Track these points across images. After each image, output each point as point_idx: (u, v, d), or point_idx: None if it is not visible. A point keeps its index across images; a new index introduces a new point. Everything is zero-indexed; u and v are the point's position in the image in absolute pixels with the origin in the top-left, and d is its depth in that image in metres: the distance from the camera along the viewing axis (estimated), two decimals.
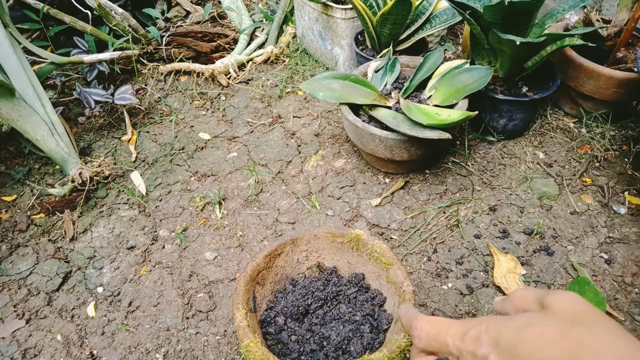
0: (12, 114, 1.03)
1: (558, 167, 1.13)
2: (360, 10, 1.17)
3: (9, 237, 1.04)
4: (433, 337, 0.34)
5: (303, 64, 1.52)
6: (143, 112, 1.37)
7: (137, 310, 0.89)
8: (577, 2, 1.02)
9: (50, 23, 1.48)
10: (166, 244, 1.01)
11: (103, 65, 1.38)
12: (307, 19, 1.46)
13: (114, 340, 0.85)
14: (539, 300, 0.33)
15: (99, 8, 1.37)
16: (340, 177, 1.13)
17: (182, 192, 1.12)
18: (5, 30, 1.04)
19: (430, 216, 1.03)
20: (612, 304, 0.85)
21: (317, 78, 1.07)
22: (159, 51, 1.54)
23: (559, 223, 1.00)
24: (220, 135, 1.29)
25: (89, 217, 1.07)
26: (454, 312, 0.85)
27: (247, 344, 0.65)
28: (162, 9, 1.75)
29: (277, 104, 1.38)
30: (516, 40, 0.91)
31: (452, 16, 1.21)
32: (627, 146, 1.17)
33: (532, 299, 0.34)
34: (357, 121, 1.01)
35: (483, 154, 1.17)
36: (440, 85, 1.07)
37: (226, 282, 0.93)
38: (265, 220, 1.04)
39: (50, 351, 0.83)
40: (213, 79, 1.48)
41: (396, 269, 0.75)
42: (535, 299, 0.34)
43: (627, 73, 1.10)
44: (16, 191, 1.15)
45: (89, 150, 1.26)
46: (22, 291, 0.93)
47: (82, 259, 0.99)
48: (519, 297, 0.35)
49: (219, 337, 0.84)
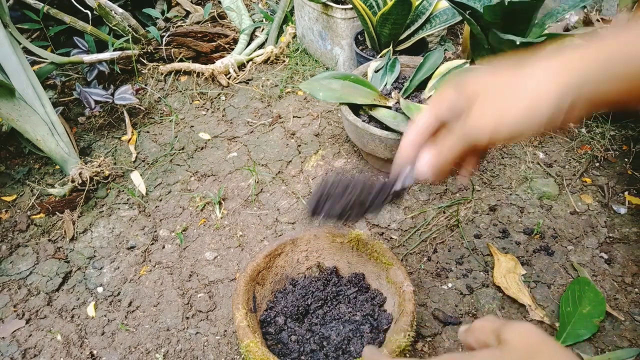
0: (12, 114, 1.03)
1: (558, 167, 1.13)
2: (360, 10, 1.17)
3: (9, 237, 1.04)
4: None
5: (303, 64, 1.52)
6: (143, 112, 1.37)
7: (137, 310, 0.89)
8: (577, 2, 1.02)
9: (50, 23, 1.48)
10: (166, 244, 1.01)
11: (103, 65, 1.38)
12: (307, 19, 1.46)
13: (114, 340, 0.85)
14: (496, 334, 0.34)
15: (99, 8, 1.37)
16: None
17: (182, 192, 1.12)
18: (5, 30, 1.04)
19: (430, 216, 1.03)
20: (612, 304, 0.85)
21: (317, 78, 1.07)
22: (159, 51, 1.54)
23: (559, 223, 1.00)
24: (220, 135, 1.29)
25: (89, 217, 1.07)
26: (454, 312, 0.85)
27: (247, 343, 0.65)
28: (162, 9, 1.75)
29: (277, 104, 1.38)
30: (516, 40, 0.91)
31: (452, 16, 1.21)
32: (627, 146, 1.17)
33: (490, 331, 0.36)
34: (357, 121, 1.01)
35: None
36: (440, 86, 1.07)
37: (226, 282, 0.93)
38: (265, 220, 1.04)
39: (50, 351, 0.83)
40: (213, 79, 1.48)
41: (396, 269, 0.75)
42: (493, 332, 0.35)
43: None
44: (16, 191, 1.15)
45: (89, 150, 1.26)
46: (22, 291, 0.93)
47: (82, 259, 0.99)
48: (478, 329, 0.37)
49: (219, 337, 0.84)
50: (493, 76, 0.42)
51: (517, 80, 0.40)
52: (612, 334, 0.81)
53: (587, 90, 0.37)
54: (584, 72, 0.37)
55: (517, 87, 0.40)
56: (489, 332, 0.36)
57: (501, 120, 0.40)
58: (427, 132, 0.49)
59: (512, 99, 0.40)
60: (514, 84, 0.40)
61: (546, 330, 0.82)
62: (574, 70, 0.38)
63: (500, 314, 0.84)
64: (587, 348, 0.79)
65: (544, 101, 0.38)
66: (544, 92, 0.38)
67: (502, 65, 0.43)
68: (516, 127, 0.39)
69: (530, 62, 0.41)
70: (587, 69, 0.37)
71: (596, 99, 0.38)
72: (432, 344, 0.81)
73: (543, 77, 0.39)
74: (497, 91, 0.41)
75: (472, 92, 0.43)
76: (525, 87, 0.39)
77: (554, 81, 0.38)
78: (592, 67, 0.37)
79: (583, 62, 0.37)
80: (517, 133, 0.40)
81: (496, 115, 0.40)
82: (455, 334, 0.82)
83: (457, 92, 0.44)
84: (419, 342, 0.81)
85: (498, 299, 0.87)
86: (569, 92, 0.37)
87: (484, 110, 0.41)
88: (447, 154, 0.46)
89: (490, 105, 0.41)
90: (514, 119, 0.39)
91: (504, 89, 0.41)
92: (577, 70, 0.37)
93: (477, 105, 0.42)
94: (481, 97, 0.42)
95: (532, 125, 0.39)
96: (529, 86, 0.39)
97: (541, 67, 0.39)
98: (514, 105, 0.39)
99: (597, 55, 0.37)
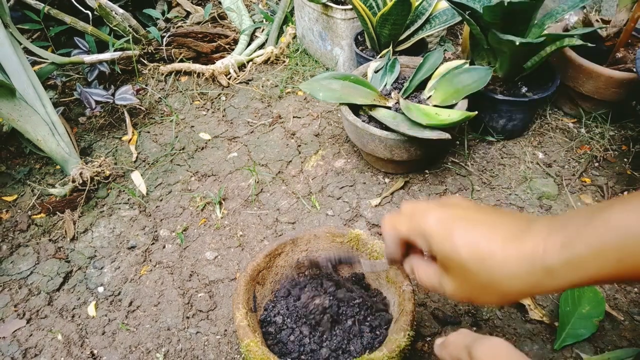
0: (13, 114, 1.03)
1: (557, 167, 1.13)
2: (360, 11, 1.17)
3: (10, 237, 1.04)
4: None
5: (303, 65, 1.53)
6: (143, 113, 1.37)
7: (138, 309, 0.89)
8: (577, 2, 1.02)
9: (50, 23, 1.49)
10: (166, 243, 1.01)
11: (104, 65, 1.38)
12: (307, 19, 1.46)
13: (114, 339, 0.85)
14: (468, 350, 0.35)
15: (100, 8, 1.37)
16: (340, 177, 1.13)
17: (182, 192, 1.13)
18: (5, 31, 1.04)
19: None
20: (612, 304, 0.85)
21: (317, 78, 1.07)
22: (160, 51, 1.54)
23: None
24: (221, 135, 1.29)
25: (90, 217, 1.08)
26: (453, 311, 0.85)
27: (247, 343, 0.65)
28: (162, 10, 1.75)
29: (277, 104, 1.38)
30: (515, 41, 0.91)
31: (452, 17, 1.21)
32: (626, 146, 1.17)
33: (462, 347, 0.36)
34: (357, 121, 1.02)
35: (482, 154, 1.17)
36: (439, 86, 1.07)
37: (226, 281, 0.93)
38: (266, 220, 1.04)
39: (50, 351, 0.84)
40: (213, 80, 1.48)
41: (396, 269, 0.75)
42: (465, 348, 0.35)
43: (627, 73, 1.10)
44: (17, 191, 1.15)
45: (90, 150, 1.26)
46: (23, 291, 0.94)
47: (82, 259, 0.99)
48: (452, 344, 0.37)
49: (219, 336, 0.84)
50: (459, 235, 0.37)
51: (485, 265, 0.35)
52: (612, 334, 0.81)
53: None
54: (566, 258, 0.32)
55: (489, 276, 0.35)
56: (461, 348, 0.36)
57: (475, 300, 0.38)
58: (398, 248, 0.47)
59: (484, 293, 0.36)
60: (483, 268, 0.35)
61: (545, 330, 0.82)
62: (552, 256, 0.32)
63: (500, 314, 0.85)
64: (587, 348, 0.79)
65: (518, 296, 0.35)
66: (516, 289, 0.34)
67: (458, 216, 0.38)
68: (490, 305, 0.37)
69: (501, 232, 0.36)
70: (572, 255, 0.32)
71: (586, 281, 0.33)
72: (432, 344, 0.81)
73: (516, 269, 0.34)
74: (466, 268, 0.36)
75: (429, 235, 0.39)
76: (498, 281, 0.35)
77: (526, 274, 0.33)
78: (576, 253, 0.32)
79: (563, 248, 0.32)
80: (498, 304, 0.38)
81: (470, 297, 0.38)
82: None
83: (410, 228, 0.42)
84: (419, 342, 0.81)
85: None
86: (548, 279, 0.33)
87: (457, 285, 0.38)
88: (424, 280, 0.44)
89: (463, 286, 0.38)
90: (487, 303, 0.38)
91: (473, 271, 0.36)
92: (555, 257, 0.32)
93: (451, 277, 0.38)
94: (451, 269, 0.38)
95: (507, 302, 0.37)
96: (504, 283, 0.34)
97: (513, 252, 0.34)
98: (486, 298, 0.37)
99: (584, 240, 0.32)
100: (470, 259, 0.35)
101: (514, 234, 0.34)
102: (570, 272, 0.31)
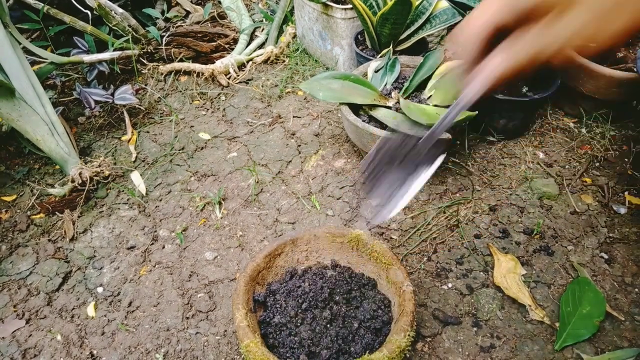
0: (12, 114, 1.03)
1: (558, 167, 1.13)
2: (360, 10, 1.17)
3: (9, 237, 1.04)
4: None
5: (303, 64, 1.52)
6: (143, 112, 1.37)
7: (137, 310, 0.89)
8: None
9: (50, 23, 1.48)
10: (166, 244, 1.01)
11: (103, 65, 1.38)
12: (307, 19, 1.46)
13: (113, 340, 0.85)
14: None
15: (99, 8, 1.37)
16: (340, 177, 1.13)
17: (182, 192, 1.12)
18: (5, 30, 1.04)
19: (431, 216, 1.03)
20: (612, 304, 0.85)
21: (317, 78, 1.07)
22: (159, 51, 1.54)
23: (559, 223, 1.00)
24: (220, 135, 1.29)
25: (89, 217, 1.07)
26: (454, 312, 0.85)
27: (247, 343, 0.65)
28: (162, 9, 1.75)
29: (277, 104, 1.38)
30: None
31: (452, 16, 1.21)
32: (627, 146, 1.17)
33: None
34: (357, 121, 1.01)
35: (483, 154, 1.17)
36: (440, 85, 1.07)
37: (226, 282, 0.93)
38: (265, 220, 1.04)
39: (50, 351, 0.83)
40: (213, 79, 1.48)
41: (396, 269, 0.75)
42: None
43: (627, 73, 1.10)
44: (16, 191, 1.15)
45: (89, 150, 1.26)
46: (22, 291, 0.93)
47: (82, 259, 0.99)
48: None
49: (219, 337, 0.84)
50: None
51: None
52: (612, 334, 0.80)
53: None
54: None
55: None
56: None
57: (600, 32, 0.34)
58: (494, 27, 0.41)
59: (617, 13, 0.33)
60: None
61: (546, 331, 0.82)
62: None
63: (501, 314, 0.84)
64: (587, 348, 0.79)
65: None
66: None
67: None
68: (608, 41, 0.34)
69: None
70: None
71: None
72: (432, 344, 0.81)
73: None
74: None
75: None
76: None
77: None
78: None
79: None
80: (603, 46, 0.35)
81: (598, 26, 0.34)
82: (455, 334, 0.82)
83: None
84: (419, 342, 0.81)
85: (498, 299, 0.87)
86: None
87: (584, 16, 0.34)
88: (522, 59, 0.38)
89: (592, 12, 0.34)
90: (610, 34, 0.34)
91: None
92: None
93: (576, 11, 0.35)
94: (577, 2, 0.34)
95: (623, 38, 0.34)
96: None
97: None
98: (617, 23, 0.34)
99: None
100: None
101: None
102: None
